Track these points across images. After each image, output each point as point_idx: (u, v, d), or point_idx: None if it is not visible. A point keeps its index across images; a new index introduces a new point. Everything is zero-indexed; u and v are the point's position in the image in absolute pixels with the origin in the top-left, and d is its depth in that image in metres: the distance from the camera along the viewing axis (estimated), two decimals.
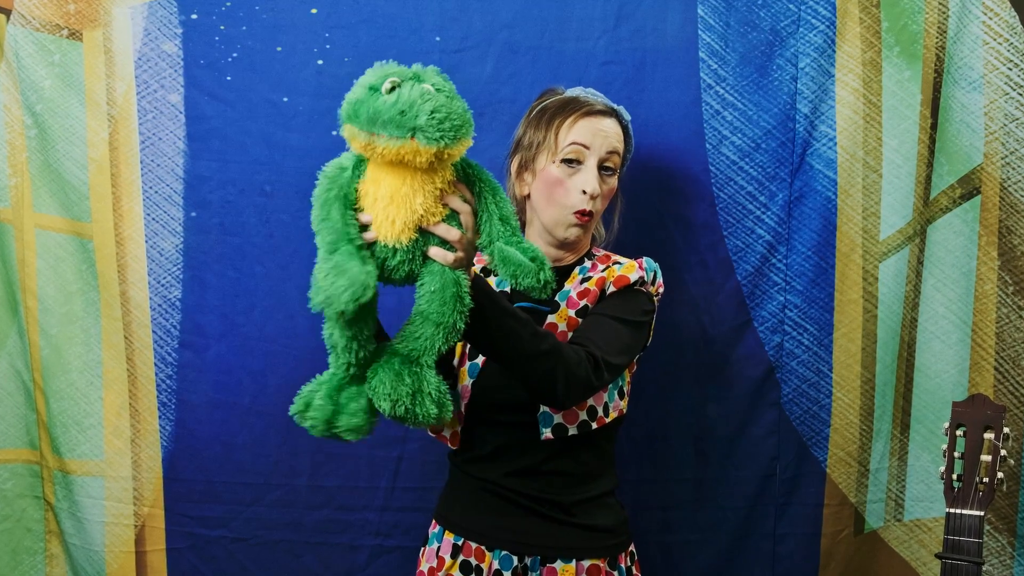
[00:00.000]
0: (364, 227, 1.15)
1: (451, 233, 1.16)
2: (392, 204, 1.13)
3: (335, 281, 1.08)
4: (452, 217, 1.18)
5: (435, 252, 1.16)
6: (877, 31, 1.74)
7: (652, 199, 1.79)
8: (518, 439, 1.44)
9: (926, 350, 1.76)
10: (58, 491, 1.89)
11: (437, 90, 1.09)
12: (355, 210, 1.15)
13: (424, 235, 1.16)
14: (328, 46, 1.78)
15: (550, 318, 1.46)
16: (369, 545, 1.85)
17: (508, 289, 1.48)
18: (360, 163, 1.17)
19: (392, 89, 1.08)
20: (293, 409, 1.22)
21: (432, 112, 1.07)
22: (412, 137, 1.07)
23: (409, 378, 1.16)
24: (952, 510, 1.43)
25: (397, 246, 1.15)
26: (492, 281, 1.48)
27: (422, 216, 1.14)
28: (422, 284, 1.17)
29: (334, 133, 1.76)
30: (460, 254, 1.17)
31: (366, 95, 1.10)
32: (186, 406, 1.84)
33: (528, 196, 1.52)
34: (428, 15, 1.78)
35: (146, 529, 1.87)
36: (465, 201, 1.19)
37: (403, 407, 1.16)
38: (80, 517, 1.87)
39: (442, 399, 1.19)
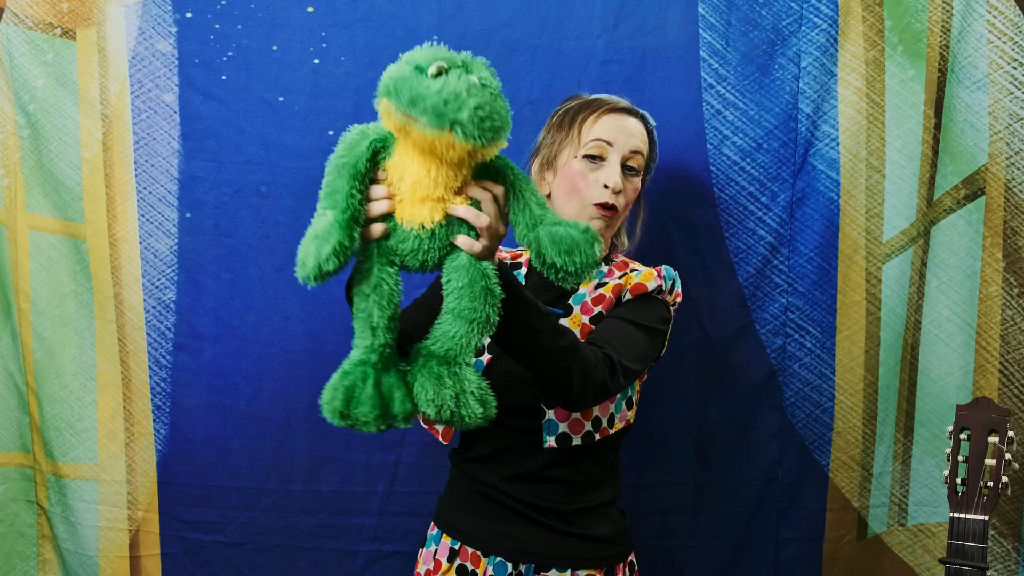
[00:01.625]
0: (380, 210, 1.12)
1: (480, 219, 1.12)
2: (412, 192, 1.10)
3: (308, 246, 1.06)
4: (473, 206, 1.13)
5: (462, 241, 1.12)
6: (880, 30, 1.73)
7: (652, 200, 1.75)
8: (519, 443, 1.42)
9: (930, 353, 1.75)
10: (51, 495, 1.88)
11: (483, 85, 1.05)
12: (366, 185, 1.11)
13: (450, 224, 1.12)
14: (324, 45, 1.77)
15: (562, 321, 1.43)
16: (366, 550, 1.84)
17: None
18: (385, 140, 1.12)
19: (439, 74, 1.04)
20: (331, 408, 1.13)
21: (476, 108, 1.03)
22: (451, 130, 1.03)
23: (450, 379, 1.12)
24: (956, 515, 1.42)
25: (422, 232, 1.11)
26: None
27: (444, 202, 1.11)
28: (448, 281, 1.13)
29: (330, 133, 1.77)
30: (486, 242, 1.13)
31: (411, 74, 1.05)
32: (180, 409, 1.83)
33: (548, 196, 1.49)
34: (426, 14, 1.77)
35: (140, 534, 1.86)
36: (486, 189, 1.14)
37: (448, 411, 1.12)
38: (74, 521, 1.86)
39: (484, 396, 1.15)
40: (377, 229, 1.10)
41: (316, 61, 1.78)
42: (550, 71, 1.75)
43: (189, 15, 1.77)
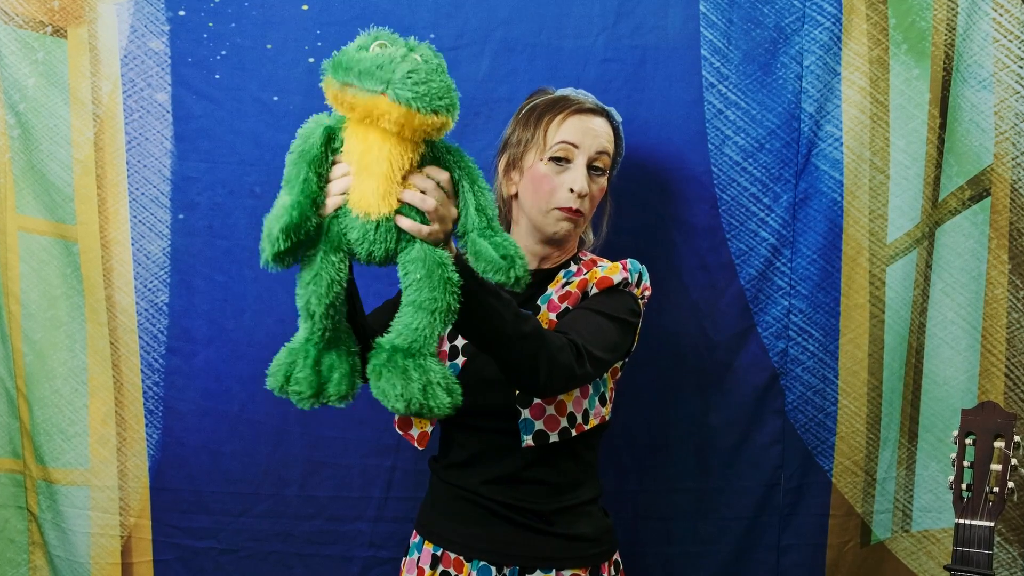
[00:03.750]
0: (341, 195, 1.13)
1: (426, 202, 1.12)
2: (360, 175, 1.11)
3: (264, 228, 1.10)
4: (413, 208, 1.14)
5: (408, 224, 1.12)
6: (884, 28, 1.72)
7: (652, 201, 1.76)
8: (496, 446, 1.42)
9: (935, 356, 1.74)
10: (42, 501, 1.86)
11: (425, 61, 1.07)
12: (325, 170, 1.12)
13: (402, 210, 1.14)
14: (320, 43, 1.76)
15: None
16: (362, 557, 1.82)
17: None
18: (340, 126, 1.14)
19: (380, 49, 1.08)
20: (271, 382, 1.18)
21: (410, 72, 1.05)
22: (383, 92, 1.05)
23: (415, 372, 1.12)
24: (961, 521, 1.41)
25: (367, 222, 1.11)
26: None
27: (389, 190, 1.11)
28: (406, 274, 1.13)
29: None
30: (436, 226, 1.13)
31: (352, 50, 1.09)
32: (173, 414, 1.81)
33: (515, 195, 1.49)
34: (422, 11, 1.75)
35: (132, 540, 1.84)
36: (430, 177, 1.15)
37: (417, 403, 1.12)
38: (64, 528, 1.84)
39: (450, 385, 1.15)
40: (333, 202, 1.11)
41: (311, 60, 1.76)
42: (549, 70, 1.73)
43: (182, 13, 1.76)
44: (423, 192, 1.12)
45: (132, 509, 1.83)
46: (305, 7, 1.75)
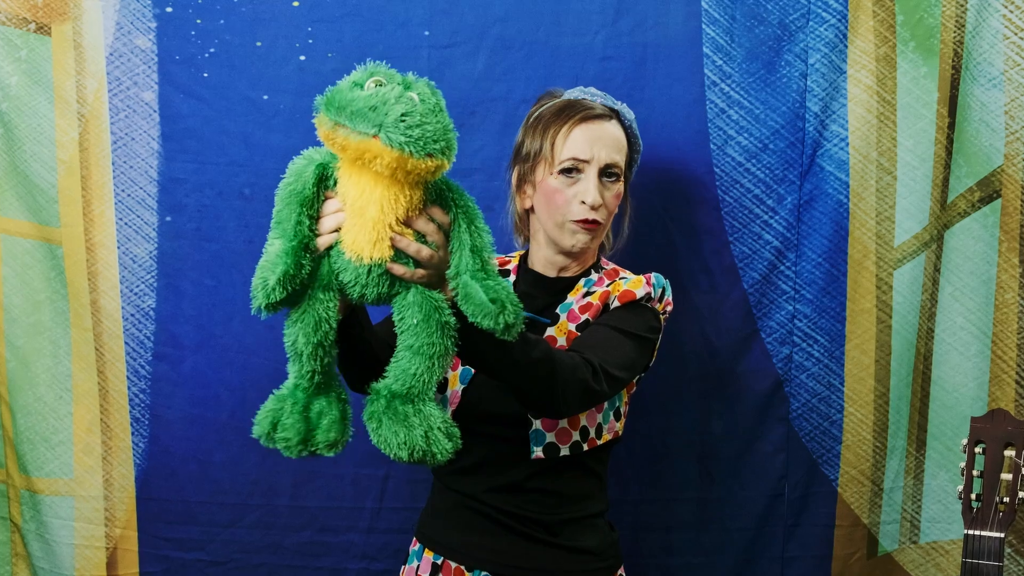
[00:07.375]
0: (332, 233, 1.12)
1: (422, 252, 1.11)
2: (353, 217, 1.10)
3: (258, 277, 1.09)
4: (419, 238, 1.14)
5: (399, 269, 1.11)
6: (891, 25, 1.70)
7: (653, 202, 1.74)
8: (505, 453, 1.40)
9: (943, 362, 1.72)
10: (25, 511, 1.84)
11: (422, 101, 1.06)
12: (316, 211, 1.12)
13: (396, 255, 1.13)
14: (311, 41, 1.75)
15: (549, 331, 1.43)
16: (354, 569, 1.81)
17: None
18: (332, 163, 1.13)
19: (375, 87, 1.06)
20: (258, 431, 1.17)
21: (403, 115, 1.03)
22: (375, 136, 1.03)
23: (416, 418, 1.13)
24: (971, 532, 1.39)
25: (359, 265, 1.10)
26: None
27: (381, 234, 1.10)
28: (402, 319, 1.13)
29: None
30: (429, 271, 1.13)
31: (347, 87, 1.08)
32: (160, 422, 1.80)
33: (531, 208, 1.48)
34: (416, 8, 1.74)
35: (118, 552, 1.82)
36: (433, 220, 1.14)
37: (420, 451, 1.13)
38: (48, 539, 1.83)
39: (450, 430, 1.16)
40: (324, 241, 1.11)
41: (302, 58, 1.74)
42: (547, 68, 1.72)
43: (169, 10, 1.74)
44: (424, 234, 1.12)
45: (118, 520, 1.82)
46: (296, 3, 1.74)
